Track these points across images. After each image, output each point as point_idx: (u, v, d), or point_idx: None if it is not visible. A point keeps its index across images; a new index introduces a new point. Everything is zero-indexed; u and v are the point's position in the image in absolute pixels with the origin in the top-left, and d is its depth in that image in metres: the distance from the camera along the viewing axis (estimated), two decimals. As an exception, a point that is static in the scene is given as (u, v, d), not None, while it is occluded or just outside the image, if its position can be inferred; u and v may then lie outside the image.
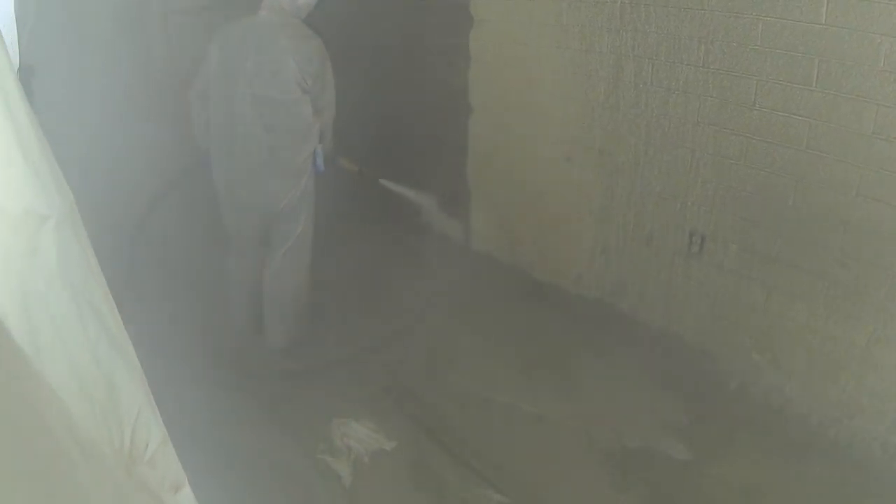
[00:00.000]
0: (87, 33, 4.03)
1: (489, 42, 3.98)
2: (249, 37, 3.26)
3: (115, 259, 3.68)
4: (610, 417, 3.18)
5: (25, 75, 1.78)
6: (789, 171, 2.80)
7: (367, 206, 4.54)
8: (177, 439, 1.31)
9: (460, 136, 4.37)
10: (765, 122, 2.83)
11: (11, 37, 1.74)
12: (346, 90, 3.58)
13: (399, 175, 4.22)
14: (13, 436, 0.72)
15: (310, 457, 2.97)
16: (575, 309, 3.90)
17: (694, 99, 3.06)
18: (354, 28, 4.73)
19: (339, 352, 3.67)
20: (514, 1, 3.74)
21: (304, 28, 3.32)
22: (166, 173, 4.00)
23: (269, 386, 3.42)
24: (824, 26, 2.53)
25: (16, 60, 1.68)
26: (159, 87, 4.43)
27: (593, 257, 3.77)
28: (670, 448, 3.01)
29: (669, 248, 3.38)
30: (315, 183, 3.54)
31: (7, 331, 0.74)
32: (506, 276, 4.31)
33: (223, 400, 3.25)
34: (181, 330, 3.63)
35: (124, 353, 1.12)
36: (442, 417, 3.22)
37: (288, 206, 3.45)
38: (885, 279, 2.60)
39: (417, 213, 4.50)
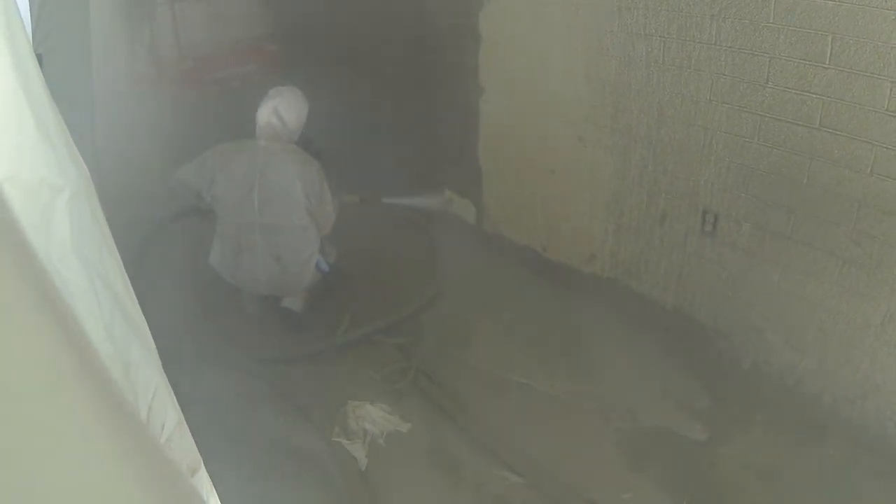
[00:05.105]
0: (95, 21, 4.03)
1: (499, 22, 3.96)
2: (254, 165, 3.49)
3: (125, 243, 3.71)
4: (624, 397, 3.19)
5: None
6: (803, 149, 2.77)
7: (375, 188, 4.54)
8: (192, 422, 1.32)
9: (471, 117, 4.35)
10: (778, 100, 2.80)
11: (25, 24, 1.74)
12: (350, 79, 3.60)
13: (406, 161, 4.22)
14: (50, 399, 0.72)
15: (325, 439, 3.00)
16: (588, 289, 3.89)
17: (706, 77, 3.03)
18: (363, 11, 4.70)
19: (353, 334, 3.69)
20: (524, -20, 3.70)
21: (303, 153, 3.60)
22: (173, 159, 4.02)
23: (283, 369, 3.45)
24: (838, 2, 2.49)
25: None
26: (164, 72, 4.44)
27: (606, 237, 3.76)
28: (685, 428, 3.02)
29: (683, 228, 3.36)
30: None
31: (28, 300, 0.74)
32: (518, 256, 4.31)
33: (238, 384, 3.28)
34: (193, 313, 3.67)
35: (139, 332, 1.12)
36: (457, 398, 3.24)
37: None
38: (900, 257, 2.58)
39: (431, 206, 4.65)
